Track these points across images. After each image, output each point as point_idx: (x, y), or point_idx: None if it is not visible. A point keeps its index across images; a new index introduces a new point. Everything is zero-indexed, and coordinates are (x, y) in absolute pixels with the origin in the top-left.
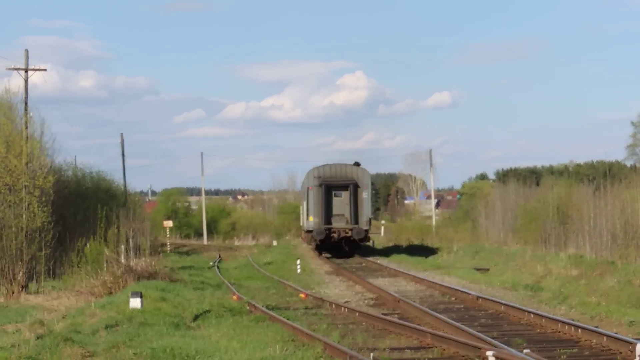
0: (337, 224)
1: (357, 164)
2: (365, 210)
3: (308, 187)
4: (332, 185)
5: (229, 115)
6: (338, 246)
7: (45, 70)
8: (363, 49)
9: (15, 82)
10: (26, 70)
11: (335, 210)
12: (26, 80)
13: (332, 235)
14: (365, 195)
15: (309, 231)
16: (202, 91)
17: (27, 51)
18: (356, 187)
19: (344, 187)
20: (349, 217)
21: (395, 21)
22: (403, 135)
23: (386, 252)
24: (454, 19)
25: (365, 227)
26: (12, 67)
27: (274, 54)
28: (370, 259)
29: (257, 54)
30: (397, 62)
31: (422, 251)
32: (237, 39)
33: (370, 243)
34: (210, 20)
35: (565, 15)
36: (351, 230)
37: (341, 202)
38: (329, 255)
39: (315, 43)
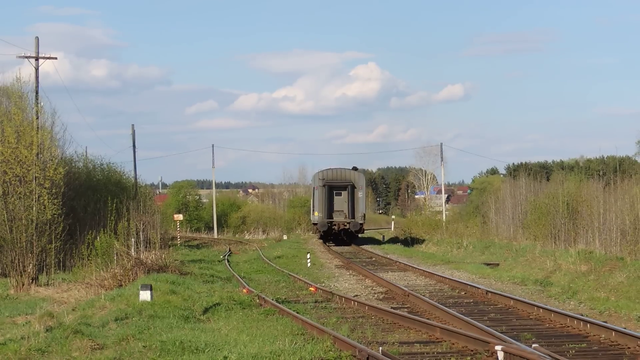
0: (337, 218)
1: (354, 169)
2: (360, 207)
3: (314, 188)
4: (333, 186)
5: (241, 107)
6: (338, 236)
7: (55, 58)
8: (376, 39)
9: (27, 71)
10: (37, 59)
11: (336, 207)
12: (37, 69)
13: (333, 227)
14: (360, 194)
15: (315, 224)
16: (214, 81)
17: (37, 39)
18: (353, 187)
19: (343, 188)
20: (347, 213)
21: (409, 11)
22: (415, 128)
23: (395, 246)
24: (467, 10)
25: (360, 221)
26: (23, 55)
27: (286, 43)
28: (380, 253)
29: (269, 44)
30: (410, 53)
31: (426, 244)
32: (249, 28)
33: (380, 237)
34: (223, 9)
35: (577, 6)
36: (349, 223)
37: (341, 200)
38: (334, 245)
39: (329, 33)
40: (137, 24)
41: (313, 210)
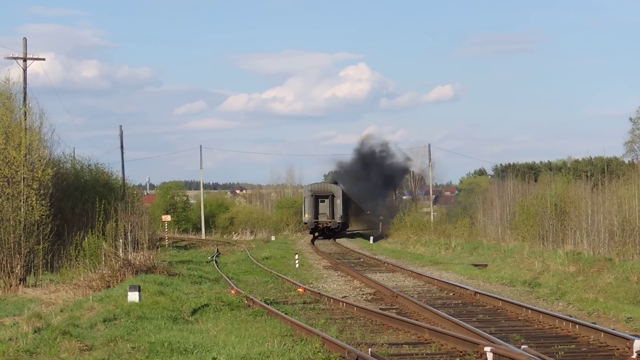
0: (321, 219)
1: (335, 182)
2: (338, 210)
3: (305, 197)
4: (319, 195)
5: (231, 107)
6: (323, 232)
7: (44, 59)
8: (367, 40)
9: (16, 72)
10: (25, 60)
11: (320, 211)
12: (25, 70)
13: (318, 225)
14: (338, 202)
15: (305, 223)
16: (204, 82)
17: (25, 40)
18: (333, 196)
19: (326, 197)
20: (329, 215)
21: (399, 12)
22: (404, 129)
23: (383, 247)
24: (457, 11)
25: (339, 221)
26: (10, 56)
27: (276, 44)
28: (368, 253)
29: (259, 45)
30: (400, 54)
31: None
32: (239, 29)
33: (369, 240)
34: (213, 9)
35: (567, 7)
36: (330, 222)
37: (324, 206)
38: (321, 239)
39: (319, 34)
40: (127, 25)
41: (304, 213)
